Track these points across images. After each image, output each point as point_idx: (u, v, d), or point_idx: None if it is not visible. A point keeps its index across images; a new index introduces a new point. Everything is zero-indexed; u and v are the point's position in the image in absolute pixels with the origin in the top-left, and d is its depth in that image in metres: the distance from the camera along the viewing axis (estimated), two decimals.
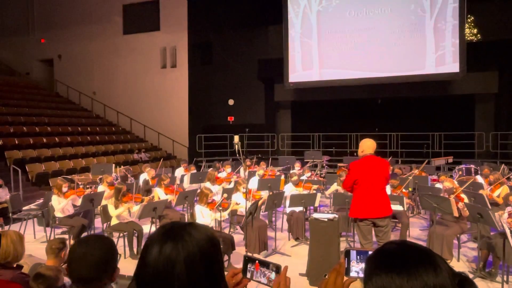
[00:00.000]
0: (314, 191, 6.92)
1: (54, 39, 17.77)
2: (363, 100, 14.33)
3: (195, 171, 9.69)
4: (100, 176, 8.72)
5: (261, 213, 6.90)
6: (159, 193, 6.78)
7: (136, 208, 5.88)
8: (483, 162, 10.73)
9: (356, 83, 13.68)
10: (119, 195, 5.83)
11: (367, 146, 4.43)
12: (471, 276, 4.82)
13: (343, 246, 5.75)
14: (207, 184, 7.37)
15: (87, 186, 7.90)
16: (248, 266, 1.20)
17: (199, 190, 6.44)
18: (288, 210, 6.62)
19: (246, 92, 15.67)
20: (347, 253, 1.18)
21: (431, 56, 12.75)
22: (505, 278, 4.48)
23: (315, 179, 8.35)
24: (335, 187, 7.34)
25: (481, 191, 6.38)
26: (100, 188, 7.32)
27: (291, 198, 6.22)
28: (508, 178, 7.45)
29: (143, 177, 8.61)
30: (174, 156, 15.86)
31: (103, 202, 6.30)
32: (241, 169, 9.02)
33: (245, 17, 15.04)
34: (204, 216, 5.27)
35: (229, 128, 15.16)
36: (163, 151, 16.04)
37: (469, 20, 12.85)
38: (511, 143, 12.63)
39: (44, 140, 12.21)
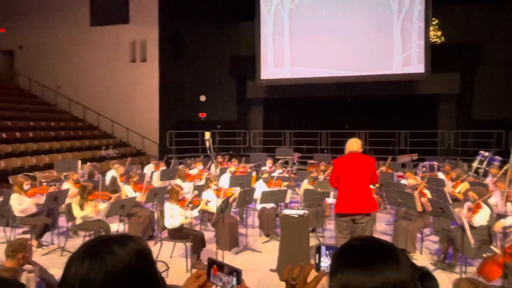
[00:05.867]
0: (285, 188, 6.99)
1: (15, 29, 16.83)
2: (333, 98, 14.59)
3: (165, 167, 9.53)
4: (65, 173, 8.39)
5: (232, 209, 6.89)
6: (127, 191, 6.61)
7: (103, 206, 5.71)
8: (445, 159, 11.24)
9: (327, 81, 13.92)
10: (84, 193, 5.63)
11: (351, 144, 4.58)
12: (432, 267, 5.05)
13: (312, 241, 5.85)
14: (178, 181, 7.27)
15: (51, 183, 7.57)
16: (211, 269, 1.18)
17: (169, 187, 6.34)
18: (259, 206, 6.65)
19: (218, 88, 15.56)
20: (318, 249, 1.19)
21: (398, 56, 13.18)
22: (463, 269, 4.73)
23: (286, 175, 8.44)
24: (305, 184, 7.44)
25: (445, 188, 6.67)
26: (65, 185, 7.04)
27: (262, 195, 6.25)
28: (468, 175, 7.85)
29: (111, 174, 8.36)
30: (144, 152, 15.52)
31: (68, 201, 6.07)
32: (212, 166, 8.95)
33: (218, 12, 14.90)
34: (174, 214, 5.20)
35: (201, 124, 15.01)
36: (132, 148, 15.65)
37: (433, 22, 13.38)
38: (470, 141, 13.30)
39: (4, 135, 11.58)
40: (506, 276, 4.07)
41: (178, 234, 5.23)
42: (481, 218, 4.74)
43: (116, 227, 6.61)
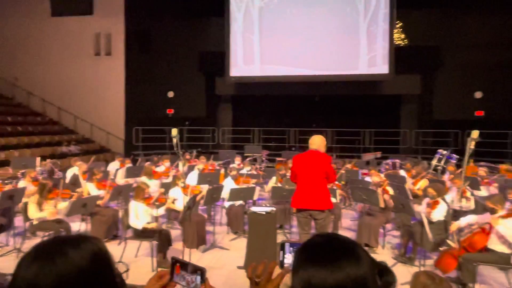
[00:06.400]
0: (253, 185, 7.01)
1: None
2: (302, 96, 14.81)
3: (130, 165, 9.28)
4: (22, 171, 7.95)
5: (199, 207, 6.83)
6: (90, 189, 6.37)
7: (63, 205, 5.47)
8: (406, 157, 11.72)
9: (295, 80, 14.09)
10: (43, 191, 5.36)
11: (313, 142, 4.64)
12: (393, 261, 5.26)
13: (280, 238, 5.91)
14: (144, 179, 7.10)
15: (6, 181, 7.15)
16: (174, 268, 1.16)
17: (135, 185, 6.18)
18: (227, 204, 6.63)
19: (187, 84, 15.32)
20: (282, 246, 1.20)
21: (364, 57, 13.56)
22: (421, 262, 4.96)
23: (255, 173, 8.47)
24: (273, 181, 7.50)
25: (406, 185, 6.95)
26: (22, 183, 6.68)
27: (230, 192, 6.24)
28: (428, 172, 8.22)
29: (72, 171, 8.03)
30: (109, 149, 15.03)
31: (25, 200, 5.76)
32: (180, 163, 8.82)
33: (187, 6, 14.66)
34: (139, 212, 5.07)
35: (169, 121, 14.71)
36: (96, 144, 15.11)
37: (397, 26, 13.87)
38: (430, 140, 13.95)
39: None
40: (461, 268, 4.31)
41: (143, 233, 5.10)
42: (439, 213, 4.98)
43: (78, 226, 6.37)
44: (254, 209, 5.12)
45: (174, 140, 4.65)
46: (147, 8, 14.65)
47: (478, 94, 13.53)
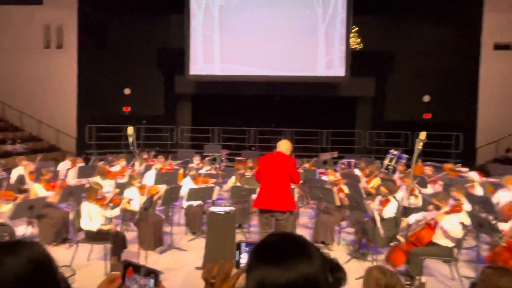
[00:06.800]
0: (212, 185, 6.97)
1: None
2: (262, 96, 14.92)
3: (82, 164, 8.85)
4: None
5: (157, 208, 6.67)
6: (37, 190, 5.99)
7: (7, 208, 5.09)
8: (361, 157, 12.20)
9: (255, 80, 14.17)
10: None
11: (280, 145, 4.78)
12: (348, 257, 5.46)
13: (239, 237, 5.92)
14: (97, 179, 6.79)
15: None
16: (126, 271, 1.12)
17: (87, 186, 5.91)
18: (185, 204, 6.53)
19: (145, 81, 14.88)
20: (238, 246, 1.20)
21: (322, 59, 13.94)
22: (374, 257, 5.20)
23: (214, 172, 8.41)
24: (233, 181, 7.49)
25: (360, 184, 7.23)
26: None
27: (189, 192, 6.15)
28: (380, 171, 8.61)
29: (18, 171, 7.51)
30: (59, 148, 14.22)
31: None
32: (136, 163, 8.55)
33: (146, 1, 14.24)
34: (92, 214, 4.85)
35: (125, 119, 14.20)
36: (45, 142, 14.24)
37: (353, 30, 14.40)
38: (382, 140, 14.64)
39: None
40: (409, 262, 4.56)
41: (96, 235, 4.89)
42: (390, 210, 5.24)
43: (24, 230, 5.97)
44: (213, 209, 5.08)
45: (130, 139, 4.51)
46: (102, 0, 14.03)
47: (426, 98, 14.39)
